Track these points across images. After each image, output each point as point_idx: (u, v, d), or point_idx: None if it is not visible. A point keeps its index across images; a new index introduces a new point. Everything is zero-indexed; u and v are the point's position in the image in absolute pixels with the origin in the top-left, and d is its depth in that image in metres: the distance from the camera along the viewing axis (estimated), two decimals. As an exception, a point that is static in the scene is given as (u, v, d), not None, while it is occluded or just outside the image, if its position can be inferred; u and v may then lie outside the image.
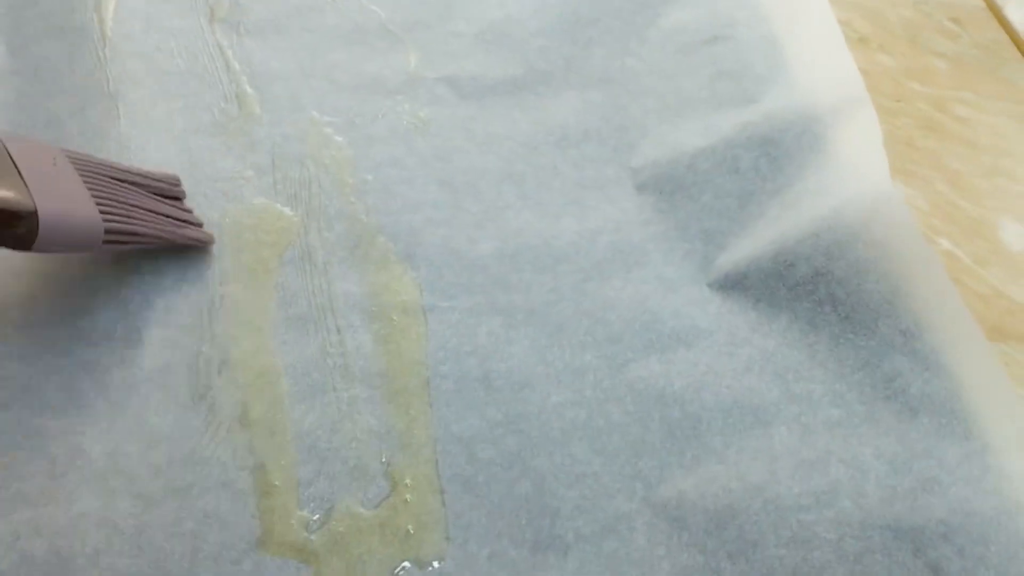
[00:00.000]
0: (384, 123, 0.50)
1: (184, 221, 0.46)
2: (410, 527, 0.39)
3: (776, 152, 0.45)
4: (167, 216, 0.45)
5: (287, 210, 0.47)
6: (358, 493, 0.40)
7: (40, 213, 0.38)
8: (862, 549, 0.38)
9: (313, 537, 0.39)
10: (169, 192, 0.46)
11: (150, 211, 0.44)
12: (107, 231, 0.41)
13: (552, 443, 0.41)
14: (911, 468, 0.39)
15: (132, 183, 0.45)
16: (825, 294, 0.42)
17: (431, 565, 0.38)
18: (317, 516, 0.39)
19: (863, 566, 0.37)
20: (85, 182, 0.42)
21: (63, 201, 0.40)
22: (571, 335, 0.43)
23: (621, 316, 0.44)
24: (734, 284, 0.44)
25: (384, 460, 0.40)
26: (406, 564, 0.38)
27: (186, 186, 0.47)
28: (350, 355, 0.43)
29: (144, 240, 0.43)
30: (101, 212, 0.41)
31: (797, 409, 0.41)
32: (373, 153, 0.49)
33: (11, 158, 0.39)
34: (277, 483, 0.40)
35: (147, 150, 0.48)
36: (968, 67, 0.53)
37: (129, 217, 0.43)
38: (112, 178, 0.44)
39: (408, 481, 0.40)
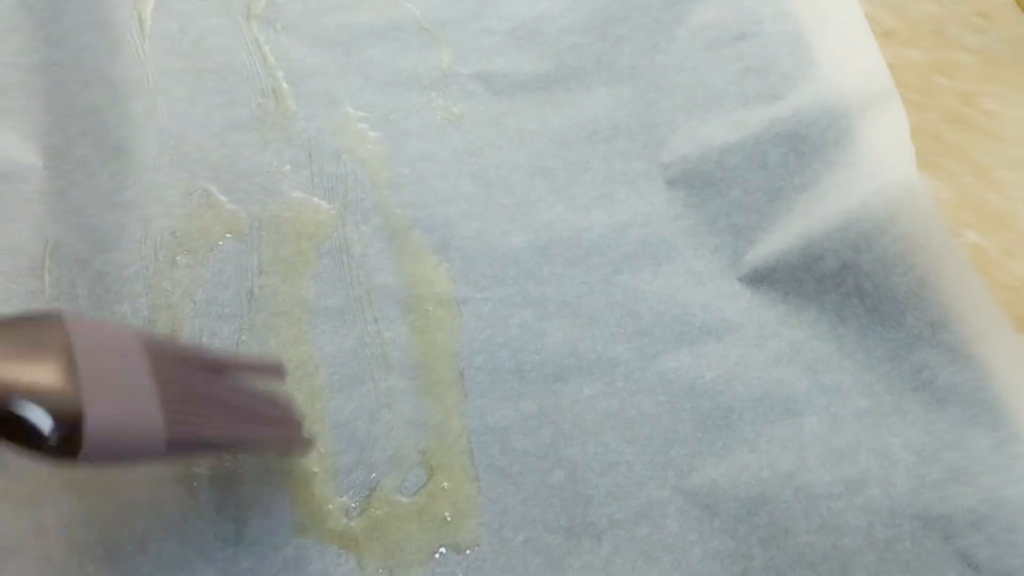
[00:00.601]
0: (418, 118, 0.50)
1: (278, 420, 0.39)
2: (447, 514, 0.39)
3: (804, 147, 0.45)
4: (259, 416, 0.39)
5: (324, 203, 0.47)
6: (396, 481, 0.40)
7: (88, 420, 0.32)
8: (891, 537, 0.38)
9: (353, 523, 0.39)
10: (268, 383, 0.40)
11: (236, 410, 0.38)
12: (170, 443, 0.35)
13: (585, 433, 0.41)
14: (940, 458, 0.39)
15: (221, 372, 0.38)
16: (853, 287, 0.42)
17: (468, 550, 0.38)
18: (356, 503, 0.40)
19: (893, 553, 0.37)
20: (158, 380, 0.36)
21: (120, 406, 0.34)
22: (602, 327, 0.43)
23: (652, 309, 0.44)
24: (763, 278, 0.44)
25: (421, 449, 0.41)
26: (443, 549, 0.39)
27: (226, 181, 0.48)
28: (387, 346, 0.43)
29: (219, 448, 0.38)
30: (170, 420, 0.35)
31: (826, 400, 0.41)
32: (407, 147, 0.49)
33: (72, 351, 0.33)
34: (316, 470, 0.40)
35: (186, 146, 0.48)
36: (994, 61, 0.52)
37: (202, 426, 0.36)
38: (197, 368, 0.37)
39: (445, 470, 0.40)
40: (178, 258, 0.45)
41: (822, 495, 0.39)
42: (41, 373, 0.32)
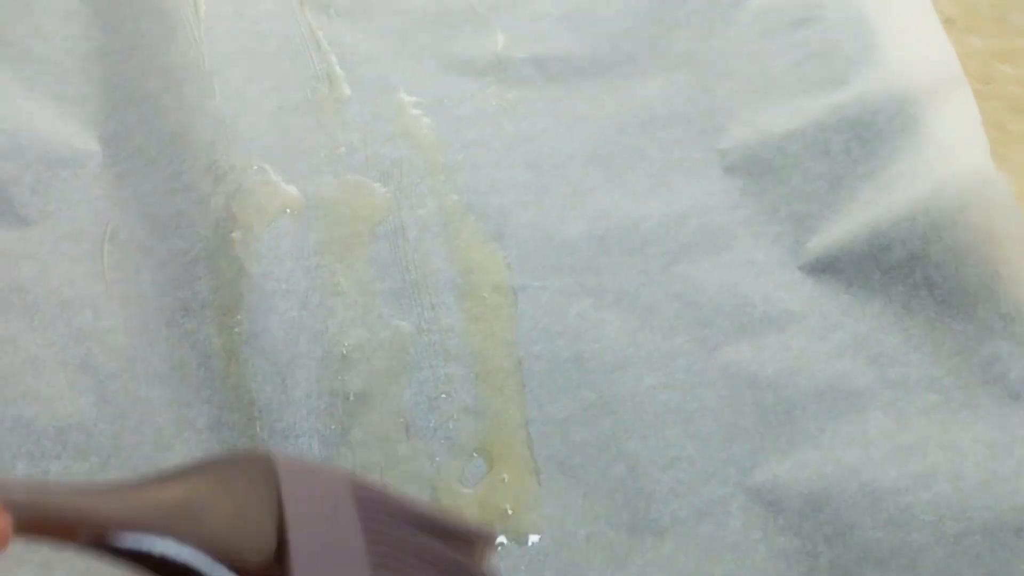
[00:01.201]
0: (472, 104, 0.48)
1: None
2: (508, 506, 0.38)
3: (868, 134, 0.43)
4: None
5: (379, 186, 0.45)
6: (456, 472, 0.38)
7: None
8: (961, 531, 0.35)
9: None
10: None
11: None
12: None
13: (646, 426, 0.39)
14: (1012, 452, 0.36)
15: (428, 531, 0.33)
16: (921, 278, 0.40)
17: (529, 543, 0.37)
18: (417, 493, 0.38)
19: (963, 547, 0.35)
20: (366, 534, 0.32)
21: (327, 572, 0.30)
22: (661, 318, 0.41)
23: (711, 299, 0.42)
24: (826, 267, 0.41)
25: (480, 439, 0.39)
26: (504, 541, 0.37)
27: (280, 161, 0.46)
28: (445, 332, 0.41)
29: None
30: None
31: (892, 394, 0.38)
32: (461, 133, 0.47)
33: (283, 508, 0.30)
34: (377, 459, 0.39)
35: (241, 126, 0.47)
36: (1058, 48, 0.50)
37: None
38: (405, 521, 0.33)
39: (505, 461, 0.38)
40: (234, 233, 0.44)
41: (889, 490, 0.37)
42: (250, 537, 0.29)
